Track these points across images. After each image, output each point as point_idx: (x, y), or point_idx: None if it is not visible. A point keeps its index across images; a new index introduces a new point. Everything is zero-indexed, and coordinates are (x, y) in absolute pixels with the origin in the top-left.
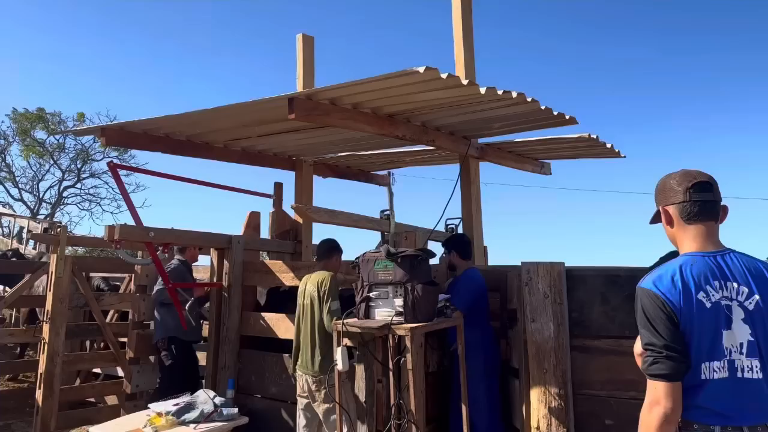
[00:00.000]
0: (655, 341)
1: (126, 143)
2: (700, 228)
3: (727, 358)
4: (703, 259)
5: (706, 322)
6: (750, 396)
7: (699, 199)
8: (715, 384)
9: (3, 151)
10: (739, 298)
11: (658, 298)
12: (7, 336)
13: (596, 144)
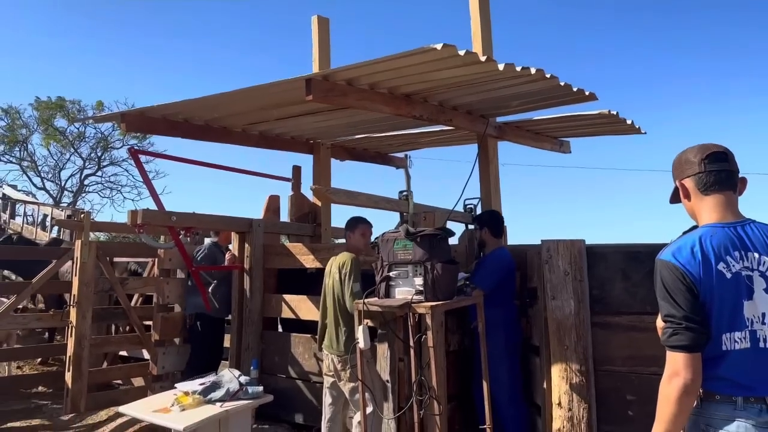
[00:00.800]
0: (674, 312)
1: (145, 129)
2: (719, 198)
3: (748, 329)
4: (723, 229)
5: (726, 292)
6: None
7: (714, 169)
8: (736, 355)
9: (25, 140)
10: (761, 268)
11: (678, 270)
12: (35, 321)
13: (616, 120)
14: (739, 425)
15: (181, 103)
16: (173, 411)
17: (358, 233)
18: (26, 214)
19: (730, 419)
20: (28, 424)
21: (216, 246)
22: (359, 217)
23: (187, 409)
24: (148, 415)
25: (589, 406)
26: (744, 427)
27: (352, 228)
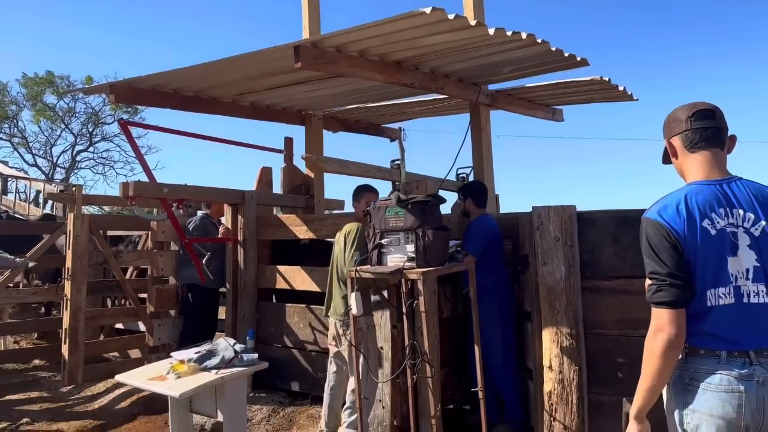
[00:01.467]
0: (659, 269)
1: (135, 100)
2: (705, 155)
3: (732, 284)
4: (708, 187)
5: (710, 249)
6: (757, 320)
7: (701, 126)
8: (721, 310)
9: (15, 116)
10: (745, 225)
11: (663, 227)
12: (30, 295)
13: (608, 87)
14: (722, 378)
15: (170, 72)
16: (169, 378)
17: (363, 202)
18: (18, 190)
19: (713, 372)
20: (27, 397)
21: (207, 218)
22: (364, 186)
23: (183, 376)
24: (145, 383)
25: (579, 368)
26: (727, 380)
27: (357, 197)
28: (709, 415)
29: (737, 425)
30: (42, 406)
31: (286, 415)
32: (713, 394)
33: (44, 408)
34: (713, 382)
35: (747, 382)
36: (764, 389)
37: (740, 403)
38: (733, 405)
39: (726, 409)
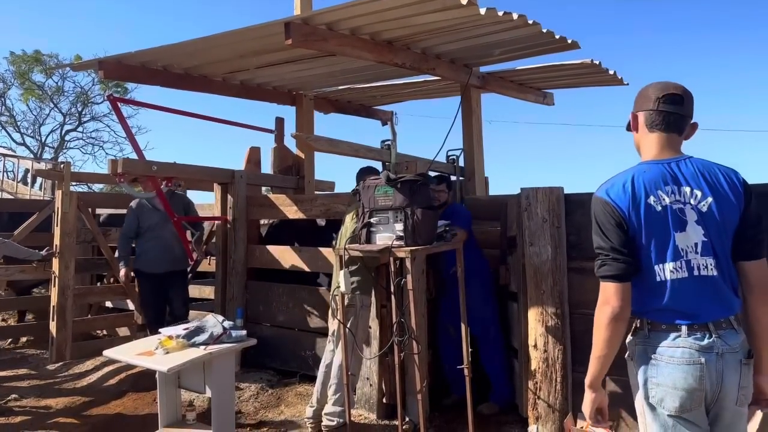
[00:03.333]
0: (604, 245)
1: (124, 77)
2: (661, 137)
3: (683, 259)
4: (657, 165)
5: (656, 225)
6: (709, 293)
7: (666, 109)
8: (674, 284)
9: (2, 94)
10: (692, 201)
11: (608, 205)
12: (18, 273)
13: (599, 71)
14: (683, 351)
15: (159, 49)
16: (157, 354)
17: None
18: (6, 169)
19: (675, 346)
20: (15, 374)
21: (138, 202)
22: (366, 168)
23: (171, 352)
24: (133, 358)
25: (564, 347)
26: (688, 352)
27: (361, 179)
28: (673, 387)
29: (699, 395)
30: (30, 382)
31: (274, 392)
32: (676, 367)
33: (32, 385)
34: (676, 356)
35: (707, 354)
36: (723, 360)
37: (701, 374)
38: (695, 377)
39: (688, 381)
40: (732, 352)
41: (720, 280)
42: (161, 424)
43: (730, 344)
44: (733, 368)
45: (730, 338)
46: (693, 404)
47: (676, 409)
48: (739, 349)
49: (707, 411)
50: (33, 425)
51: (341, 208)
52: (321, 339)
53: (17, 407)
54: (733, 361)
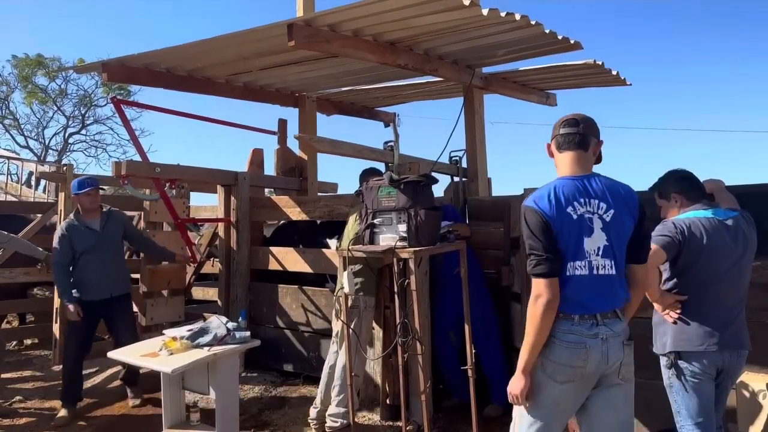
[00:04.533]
0: (536, 246)
1: (127, 79)
2: (570, 155)
3: (587, 259)
4: (572, 181)
5: (572, 230)
6: (604, 289)
7: (565, 132)
8: (576, 279)
9: (6, 98)
10: (599, 212)
11: (537, 214)
12: (22, 275)
13: (601, 71)
14: (574, 337)
15: (162, 51)
16: (161, 355)
17: None
18: (10, 172)
19: (570, 332)
20: (20, 375)
21: (68, 224)
22: (370, 169)
23: (175, 353)
24: (137, 359)
25: None
26: (578, 338)
27: (365, 180)
28: (560, 364)
29: (581, 372)
30: (35, 384)
31: (278, 393)
32: (566, 349)
33: (37, 386)
34: (567, 339)
35: (593, 339)
36: (607, 344)
37: (585, 356)
38: (580, 357)
39: (574, 360)
40: (615, 336)
41: (615, 279)
42: (165, 425)
43: (614, 330)
44: (615, 349)
45: (613, 326)
46: (575, 377)
47: (562, 381)
48: (621, 333)
49: (597, 384)
50: (38, 427)
51: (344, 210)
52: (324, 340)
53: (22, 409)
54: (615, 344)
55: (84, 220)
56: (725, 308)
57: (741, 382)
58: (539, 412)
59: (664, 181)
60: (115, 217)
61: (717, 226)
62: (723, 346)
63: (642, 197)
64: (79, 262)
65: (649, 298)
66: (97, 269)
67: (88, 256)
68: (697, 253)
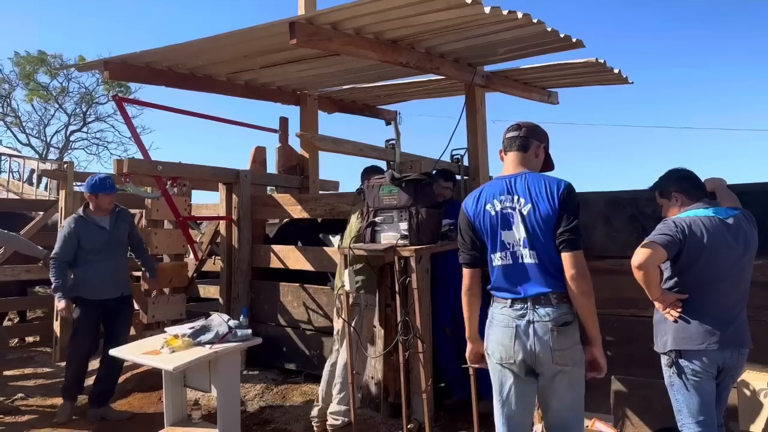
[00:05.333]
0: (461, 241)
1: (129, 77)
2: (510, 156)
3: (509, 250)
4: (500, 180)
5: (491, 225)
6: (529, 276)
7: (508, 136)
8: (501, 268)
9: (8, 95)
10: (518, 207)
11: (462, 213)
12: (24, 273)
13: (603, 70)
14: (504, 318)
15: (163, 49)
16: (163, 353)
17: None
18: (12, 169)
19: (502, 314)
20: (21, 373)
21: (81, 219)
22: (371, 167)
23: (177, 351)
24: (138, 357)
25: None
26: (507, 319)
27: (366, 178)
28: (497, 343)
29: (509, 350)
30: (36, 382)
31: (279, 391)
32: (498, 329)
33: (38, 384)
34: (499, 321)
35: (520, 321)
36: (533, 327)
37: (514, 335)
38: (509, 336)
39: (504, 340)
40: (542, 321)
41: (538, 267)
42: (167, 423)
43: (541, 315)
44: (542, 333)
45: (541, 310)
46: (508, 357)
47: (499, 359)
48: (550, 319)
49: (534, 371)
50: (39, 424)
51: (346, 208)
52: (326, 338)
53: (24, 406)
54: (542, 328)
55: (93, 217)
56: (726, 307)
57: (742, 380)
58: (496, 399)
59: (665, 180)
60: (123, 216)
61: (718, 224)
62: (724, 345)
63: (642, 196)
64: (85, 259)
65: (650, 296)
66: (105, 268)
67: (95, 255)
68: (697, 251)
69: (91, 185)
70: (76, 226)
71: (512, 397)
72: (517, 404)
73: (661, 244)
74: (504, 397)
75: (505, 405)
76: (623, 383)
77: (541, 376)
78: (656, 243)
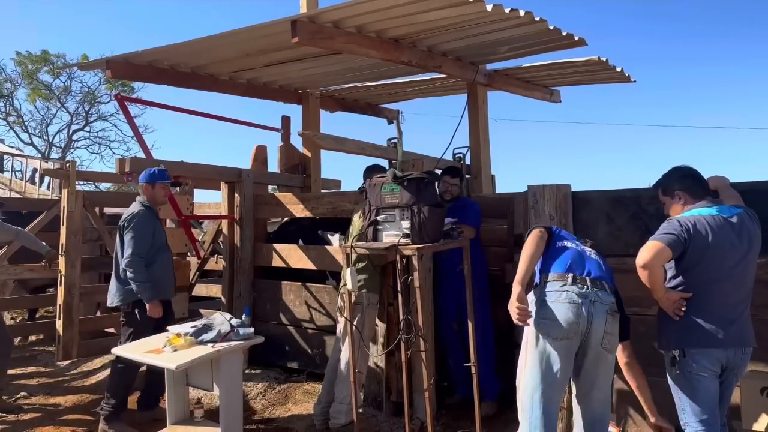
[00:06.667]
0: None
1: (131, 76)
2: None
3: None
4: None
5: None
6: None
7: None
8: (572, 252)
9: (10, 95)
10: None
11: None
12: (27, 272)
13: (606, 68)
14: (567, 293)
15: (166, 48)
16: (165, 352)
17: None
18: (14, 168)
19: (563, 290)
20: (25, 371)
21: (149, 210)
22: (373, 165)
23: (179, 349)
24: (141, 356)
25: None
26: (572, 295)
27: (369, 177)
28: (554, 319)
29: (573, 326)
30: (39, 380)
31: (281, 390)
32: (561, 305)
33: (41, 383)
34: (561, 297)
35: (583, 299)
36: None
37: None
38: (575, 312)
39: (569, 315)
40: (601, 302)
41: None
42: (169, 422)
43: (601, 297)
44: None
45: (601, 293)
46: (569, 333)
47: (558, 335)
48: (607, 303)
49: (578, 353)
50: (42, 422)
51: (348, 206)
52: (328, 337)
53: (27, 405)
54: (601, 309)
55: (154, 209)
56: (730, 305)
57: (745, 379)
58: (537, 381)
59: (668, 178)
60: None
61: (722, 223)
62: (728, 344)
63: (644, 194)
64: (155, 257)
65: (654, 295)
66: (170, 266)
67: (161, 253)
68: (702, 250)
69: (150, 175)
70: (151, 219)
71: (558, 381)
72: (560, 388)
73: (666, 244)
74: (550, 379)
75: (549, 388)
76: (626, 382)
77: (584, 360)
78: (661, 242)
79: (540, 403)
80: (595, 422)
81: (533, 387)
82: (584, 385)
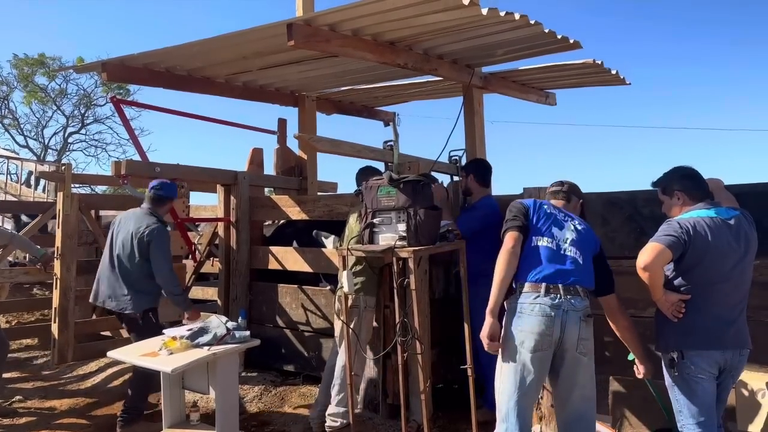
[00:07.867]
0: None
1: (127, 78)
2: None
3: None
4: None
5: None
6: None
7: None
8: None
9: (6, 97)
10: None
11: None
12: (22, 275)
13: (601, 71)
14: (539, 306)
15: (162, 51)
16: (161, 355)
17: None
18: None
19: (536, 302)
20: (20, 375)
21: (163, 226)
22: (366, 167)
23: (175, 353)
24: (137, 359)
25: None
26: (544, 307)
27: (363, 179)
28: (528, 332)
29: (545, 338)
30: (34, 384)
31: (278, 393)
32: (534, 317)
33: (37, 386)
34: (533, 310)
35: (556, 310)
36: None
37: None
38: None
39: (541, 327)
40: (574, 310)
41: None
42: (165, 425)
43: (573, 305)
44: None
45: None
46: (543, 345)
47: (531, 348)
48: (579, 309)
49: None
50: (38, 426)
51: (344, 209)
52: (324, 340)
53: (22, 408)
54: (574, 317)
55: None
56: (728, 307)
57: (740, 380)
58: (513, 389)
59: (668, 178)
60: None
61: (720, 225)
62: (726, 346)
63: (639, 196)
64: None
65: (653, 297)
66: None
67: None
68: (701, 252)
69: (172, 190)
70: (168, 234)
71: (533, 388)
72: (534, 395)
73: (667, 245)
74: (525, 388)
75: (524, 396)
76: (622, 384)
77: (562, 364)
78: (662, 244)
79: (515, 409)
80: (580, 419)
81: (509, 394)
82: (564, 388)
